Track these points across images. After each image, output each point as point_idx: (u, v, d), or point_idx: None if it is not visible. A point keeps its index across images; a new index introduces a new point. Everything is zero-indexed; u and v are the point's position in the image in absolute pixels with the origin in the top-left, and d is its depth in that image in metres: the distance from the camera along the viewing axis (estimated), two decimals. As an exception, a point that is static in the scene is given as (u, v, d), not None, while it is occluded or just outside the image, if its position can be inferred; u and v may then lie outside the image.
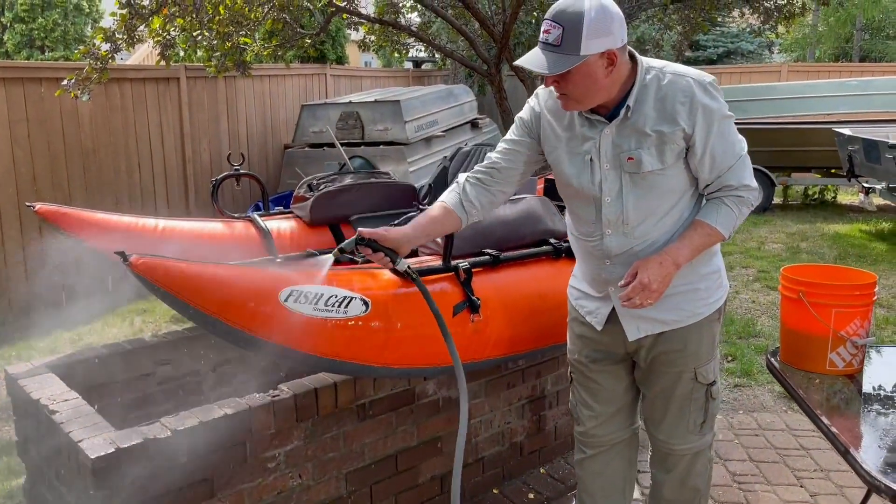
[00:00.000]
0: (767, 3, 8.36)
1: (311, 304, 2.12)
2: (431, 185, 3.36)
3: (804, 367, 2.24)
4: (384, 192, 3.37)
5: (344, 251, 2.10)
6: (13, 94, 5.67)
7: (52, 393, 2.39)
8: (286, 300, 2.09)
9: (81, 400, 2.35)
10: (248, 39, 6.34)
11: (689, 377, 2.11)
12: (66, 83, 5.28)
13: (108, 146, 6.41)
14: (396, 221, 2.26)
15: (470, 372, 2.78)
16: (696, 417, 2.15)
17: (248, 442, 2.27)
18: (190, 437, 2.13)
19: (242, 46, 6.32)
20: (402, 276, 2.24)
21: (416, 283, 2.15)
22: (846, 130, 7.92)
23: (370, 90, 9.58)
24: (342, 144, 6.86)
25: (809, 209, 9.47)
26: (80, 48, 5.53)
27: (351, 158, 6.80)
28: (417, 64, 14.36)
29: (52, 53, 11.42)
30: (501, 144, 2.22)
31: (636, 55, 1.97)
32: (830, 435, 1.85)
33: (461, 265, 2.51)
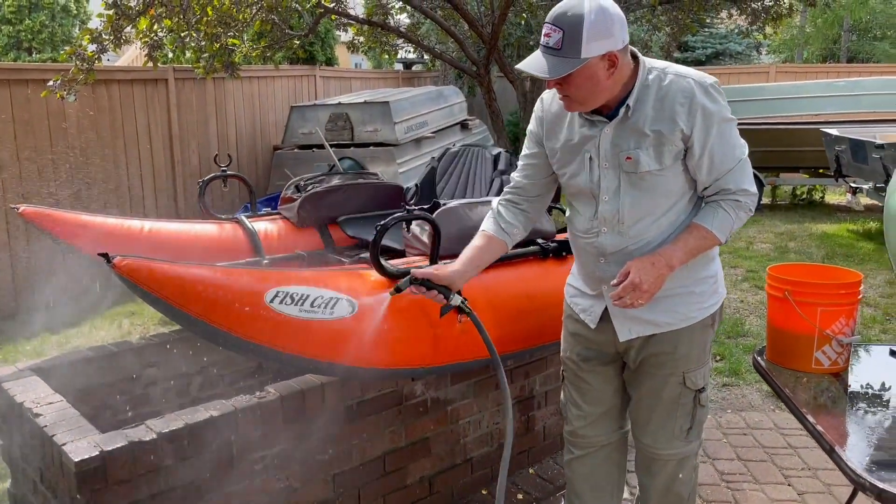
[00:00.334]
0: (755, 4, 8.40)
1: (296, 305, 2.11)
2: (418, 185, 3.35)
3: (790, 365, 2.25)
4: (372, 192, 3.36)
5: (400, 290, 2.17)
6: (-1, 95, 5.63)
7: (36, 396, 2.37)
8: (272, 301, 2.08)
9: (66, 403, 2.33)
10: (236, 41, 6.32)
11: (677, 381, 2.10)
12: (51, 84, 5.25)
13: (95, 147, 6.37)
14: (382, 222, 2.25)
15: (458, 373, 2.78)
16: (682, 423, 2.13)
17: (234, 444, 2.26)
18: (175, 439, 2.12)
19: (231, 47, 6.30)
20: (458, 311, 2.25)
21: (470, 316, 2.21)
22: (833, 131, 7.97)
23: (360, 91, 9.56)
24: (332, 146, 6.84)
25: (798, 209, 9.52)
26: (66, 49, 5.49)
27: (340, 160, 6.78)
28: (408, 65, 14.36)
29: (39, 55, 11.35)
30: (520, 161, 2.25)
31: (638, 55, 1.97)
32: (816, 433, 1.86)
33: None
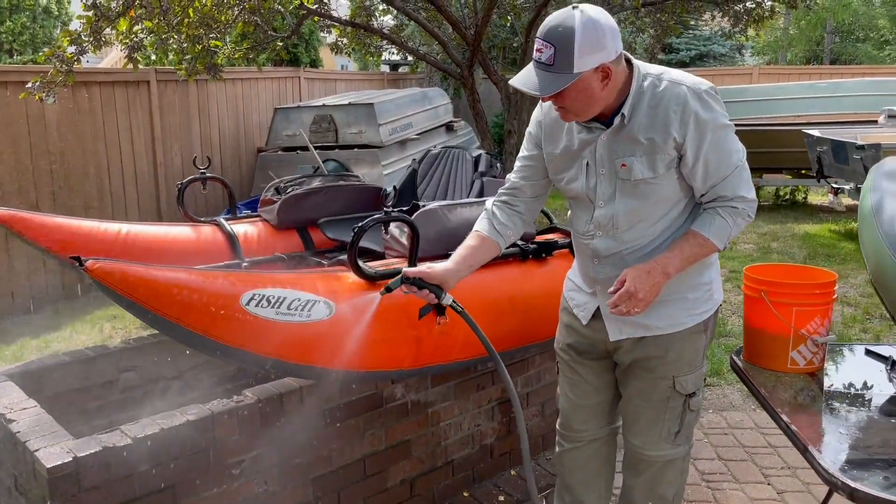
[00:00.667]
0: (737, 6, 8.46)
1: (273, 307, 2.10)
2: (396, 187, 3.34)
3: (766, 365, 2.26)
4: (352, 194, 3.35)
5: (390, 289, 2.16)
6: (-23, 97, 5.57)
7: (10, 402, 2.34)
8: (248, 304, 2.07)
9: (40, 408, 2.31)
10: (218, 42, 6.28)
11: (667, 384, 2.09)
12: (30, 86, 5.20)
13: (76, 150, 6.32)
14: (359, 224, 2.24)
15: (437, 374, 2.77)
16: (670, 426, 2.12)
17: (211, 448, 2.24)
18: (151, 444, 2.10)
19: (213, 49, 6.26)
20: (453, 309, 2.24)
21: (462, 315, 2.20)
22: (815, 132, 8.03)
23: (345, 93, 9.54)
24: (316, 147, 6.81)
25: (781, 209, 9.59)
26: (45, 50, 5.44)
27: (325, 161, 6.74)
28: (394, 66, 14.34)
29: (20, 57, 11.25)
30: (517, 163, 2.25)
31: (633, 60, 1.95)
32: (790, 433, 1.87)
33: (427, 268, 2.50)
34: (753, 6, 8.37)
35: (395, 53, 11.52)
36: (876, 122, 8.38)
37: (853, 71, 13.04)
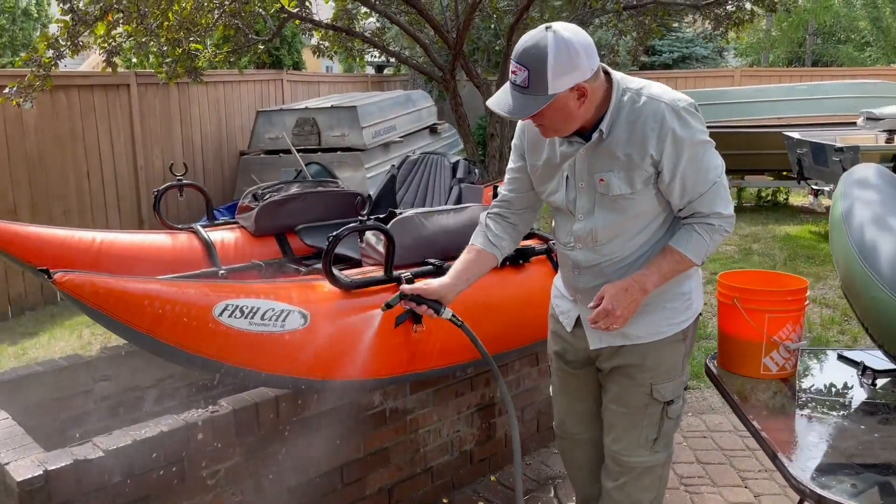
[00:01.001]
0: (718, 10, 8.52)
1: (246, 318, 2.10)
2: (371, 195, 3.34)
3: (740, 371, 2.28)
4: (331, 200, 3.34)
5: (390, 306, 2.22)
6: (-47, 101, 5.50)
7: (-20, 413, 2.32)
8: (221, 315, 2.06)
9: (12, 420, 2.28)
10: (199, 45, 6.25)
11: (644, 392, 2.10)
12: (7, 91, 5.14)
13: (54, 155, 6.26)
14: (334, 233, 2.24)
15: (414, 382, 2.77)
16: (648, 433, 2.13)
17: (185, 459, 2.23)
18: (123, 456, 2.08)
19: (194, 52, 6.22)
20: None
21: (462, 328, 2.23)
22: (795, 134, 8.10)
23: (328, 95, 9.52)
24: (299, 151, 6.80)
25: (762, 211, 9.66)
26: (22, 55, 5.38)
27: (308, 165, 6.74)
28: (379, 68, 14.32)
29: (-1, 59, 11.14)
30: (507, 175, 2.26)
31: (612, 73, 1.94)
32: (761, 439, 1.88)
33: (404, 275, 2.50)
34: (734, 10, 8.43)
35: (379, 56, 11.50)
36: (855, 124, 8.46)
37: (833, 73, 13.17)
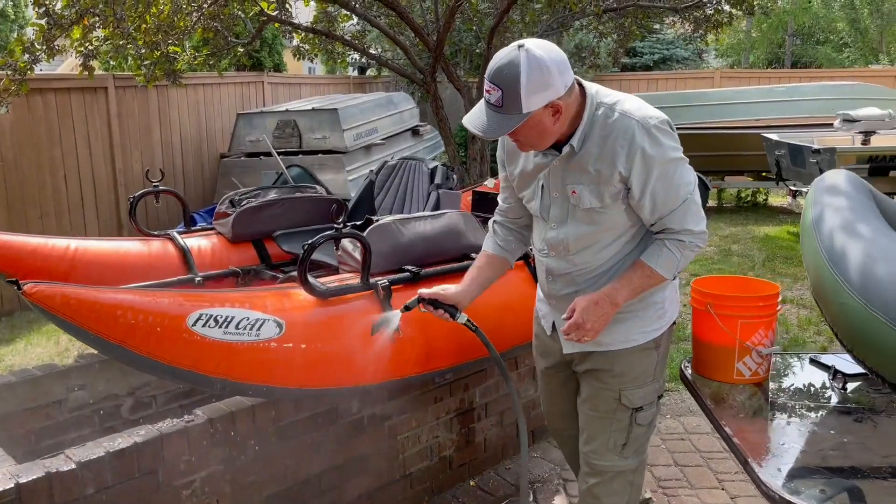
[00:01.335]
0: (697, 13, 8.59)
1: (221, 328, 2.08)
2: (347, 203, 3.33)
3: (713, 376, 2.30)
4: (308, 206, 3.33)
5: (409, 308, 2.26)
6: (-73, 105, 5.42)
7: (-49, 426, 2.29)
8: (194, 325, 2.05)
9: (-17, 432, 2.26)
10: (177, 48, 6.20)
11: (613, 397, 2.12)
12: (-19, 96, 5.09)
13: (31, 159, 6.19)
14: (310, 241, 2.23)
15: (393, 389, 2.77)
16: (617, 438, 2.15)
17: (160, 469, 2.21)
18: (97, 468, 2.07)
19: (172, 55, 6.18)
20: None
21: (476, 333, 2.28)
22: (773, 135, 8.17)
23: (310, 98, 9.48)
24: (279, 153, 6.76)
25: (742, 211, 9.75)
26: (-2, 58, 5.32)
27: (288, 167, 6.69)
28: (362, 69, 14.27)
29: (-24, 61, 10.98)
30: (501, 183, 2.30)
31: (587, 89, 1.95)
32: (732, 445, 1.90)
33: (380, 283, 2.50)
34: (713, 12, 8.51)
35: (360, 58, 11.48)
36: (832, 125, 8.56)
37: (811, 74, 13.31)
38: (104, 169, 6.87)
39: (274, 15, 6.58)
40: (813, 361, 2.44)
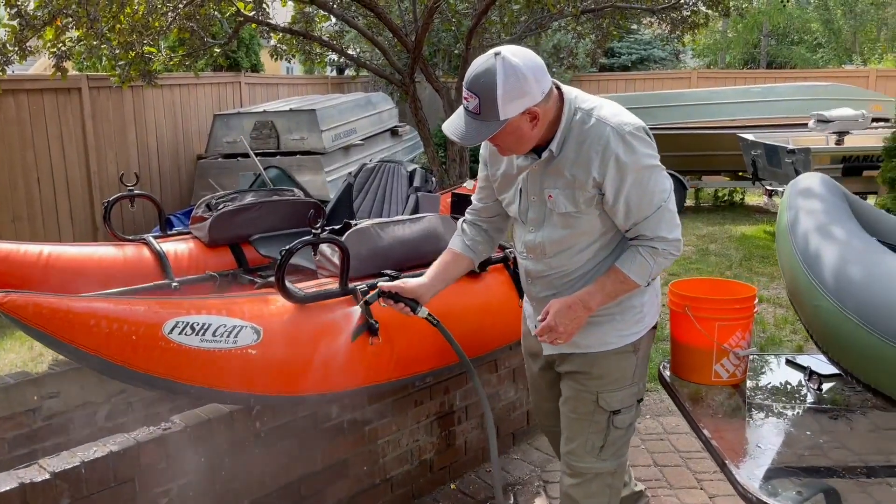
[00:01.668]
0: (674, 14, 8.66)
1: (197, 335, 2.06)
2: (325, 209, 3.31)
3: (691, 378, 2.32)
4: (286, 210, 3.30)
5: (369, 303, 2.30)
6: None
7: (-79, 437, 2.24)
8: (171, 333, 2.03)
9: (-47, 443, 2.21)
10: (152, 48, 6.13)
11: (591, 399, 2.13)
12: (-48, 97, 4.98)
13: (3, 161, 6.09)
14: (288, 247, 2.21)
15: (372, 394, 2.76)
16: (594, 440, 2.16)
17: (136, 478, 2.18)
18: (71, 478, 2.03)
19: (147, 56, 6.10)
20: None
21: (437, 327, 2.27)
22: (749, 136, 8.26)
23: (288, 98, 9.42)
24: (257, 154, 6.71)
25: (719, 211, 9.84)
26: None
27: (266, 168, 6.65)
28: (340, 70, 14.21)
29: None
30: (478, 183, 2.31)
31: (565, 93, 1.95)
32: (710, 447, 1.91)
33: (359, 287, 2.49)
34: (689, 14, 8.58)
35: (338, 58, 11.43)
36: (806, 125, 8.68)
37: (786, 75, 13.48)
38: (78, 171, 6.78)
39: (251, 15, 6.53)
40: (789, 362, 2.47)
